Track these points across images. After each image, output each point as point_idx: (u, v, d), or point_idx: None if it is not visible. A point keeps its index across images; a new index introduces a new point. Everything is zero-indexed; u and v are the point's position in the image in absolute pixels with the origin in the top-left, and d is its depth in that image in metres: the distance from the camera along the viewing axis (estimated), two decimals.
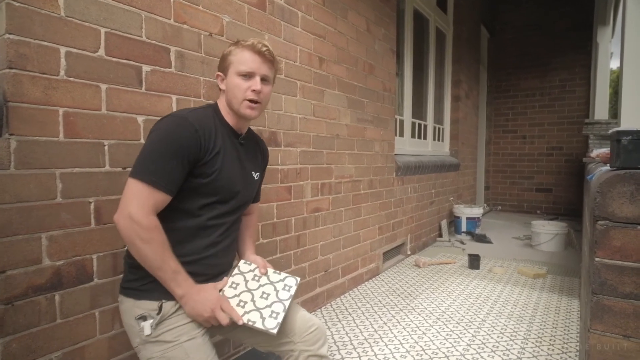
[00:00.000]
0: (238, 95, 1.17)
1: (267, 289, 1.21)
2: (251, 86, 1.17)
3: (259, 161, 1.38)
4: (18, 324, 1.11)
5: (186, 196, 1.12)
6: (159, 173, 1.03)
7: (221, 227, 1.20)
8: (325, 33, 2.42)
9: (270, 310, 1.15)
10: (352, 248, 2.78)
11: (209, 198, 1.16)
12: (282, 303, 1.17)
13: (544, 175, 6.25)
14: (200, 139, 1.09)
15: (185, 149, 1.06)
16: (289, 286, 1.22)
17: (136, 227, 1.00)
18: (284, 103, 2.11)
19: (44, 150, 1.15)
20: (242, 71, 1.17)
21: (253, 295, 1.19)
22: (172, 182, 1.06)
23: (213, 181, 1.14)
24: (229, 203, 1.21)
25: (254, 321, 1.12)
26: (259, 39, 1.20)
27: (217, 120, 1.20)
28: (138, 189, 1.02)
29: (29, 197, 1.12)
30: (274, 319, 1.13)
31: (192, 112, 1.13)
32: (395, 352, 1.91)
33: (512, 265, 3.44)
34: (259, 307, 1.16)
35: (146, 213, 1.02)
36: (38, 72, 1.13)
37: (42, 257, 1.16)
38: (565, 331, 2.13)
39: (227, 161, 1.18)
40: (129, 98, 1.36)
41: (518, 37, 6.34)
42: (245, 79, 1.17)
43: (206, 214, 1.16)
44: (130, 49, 1.36)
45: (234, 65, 1.17)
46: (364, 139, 2.90)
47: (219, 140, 1.16)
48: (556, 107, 6.10)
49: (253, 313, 1.14)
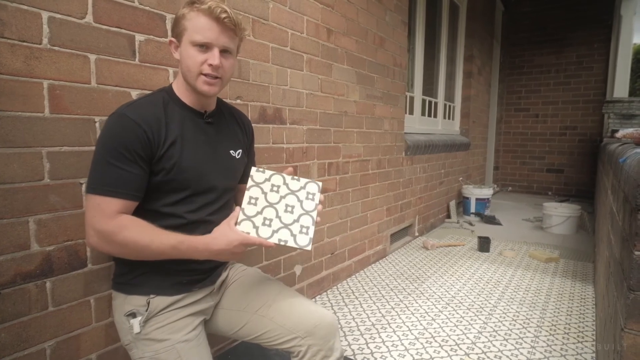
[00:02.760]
0: (192, 69, 1.02)
1: (290, 200, 1.08)
2: (208, 59, 1.01)
3: (238, 137, 1.23)
4: (6, 313, 1.04)
5: (159, 196, 1.03)
6: (114, 181, 0.94)
7: (207, 222, 1.09)
8: (333, 2, 2.26)
9: (300, 225, 1.05)
10: (359, 230, 2.70)
11: (182, 193, 1.05)
12: (310, 215, 1.07)
13: (555, 156, 6.09)
14: (146, 134, 0.97)
15: (132, 148, 0.95)
16: (312, 194, 1.10)
17: (107, 236, 0.93)
18: (289, 77, 1.98)
19: (28, 127, 1.05)
20: (197, 41, 1.00)
21: (277, 210, 1.06)
22: (131, 186, 0.96)
23: (176, 174, 1.02)
24: (207, 194, 1.10)
25: (286, 240, 1.03)
26: (218, 1, 1.01)
27: (170, 104, 1.05)
28: (96, 204, 0.94)
29: (13, 179, 1.03)
30: (305, 235, 1.04)
31: (133, 106, 1.00)
32: (403, 339, 1.85)
33: (523, 248, 3.35)
34: (287, 224, 1.05)
35: (111, 218, 0.93)
36: (17, 39, 1.02)
37: (31, 243, 1.08)
38: (580, 319, 2.05)
39: (189, 148, 1.05)
40: (121, 70, 1.25)
41: (534, 10, 6.04)
42: (201, 50, 1.01)
43: (185, 210, 1.06)
44: (122, 16, 1.24)
45: (188, 32, 1.00)
46: (373, 117, 2.77)
47: (173, 129, 1.03)
48: (572, 85, 5.87)
49: (282, 231, 1.04)
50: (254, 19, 1.75)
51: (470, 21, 4.65)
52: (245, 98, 1.74)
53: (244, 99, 1.74)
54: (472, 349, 1.77)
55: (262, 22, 1.80)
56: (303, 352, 1.08)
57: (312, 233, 1.05)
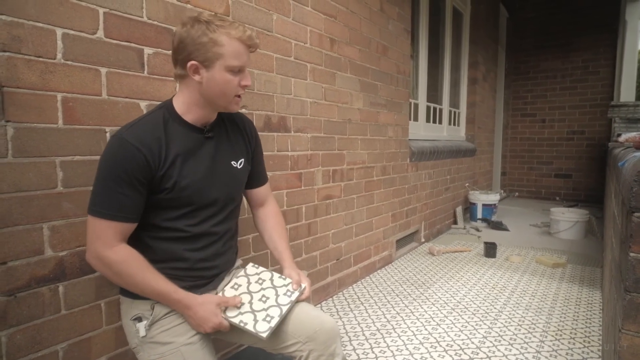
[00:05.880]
0: (229, 92, 1.06)
1: (268, 292, 1.15)
2: (241, 81, 1.07)
3: (241, 145, 1.24)
4: (22, 316, 1.08)
5: (159, 212, 1.07)
6: (112, 204, 0.98)
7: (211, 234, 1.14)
8: (336, 12, 2.31)
9: (265, 314, 1.09)
10: (364, 236, 2.72)
11: (184, 209, 1.08)
12: (280, 307, 1.11)
13: (563, 161, 6.05)
14: (146, 157, 0.99)
15: (131, 172, 0.98)
16: (291, 292, 1.16)
17: (105, 264, 1.00)
18: (293, 87, 2.03)
19: (43, 138, 1.10)
20: (235, 66, 1.04)
21: (252, 297, 1.13)
22: (129, 209, 1.00)
23: (177, 193, 1.05)
24: (209, 208, 1.13)
25: (246, 322, 1.07)
26: (244, 26, 1.06)
27: (170, 122, 1.06)
28: (96, 226, 0.99)
29: (29, 187, 1.08)
30: (267, 323, 1.07)
31: (133, 128, 1.01)
32: (408, 344, 1.86)
33: (530, 253, 3.34)
34: (255, 310, 1.10)
35: (110, 246, 0.99)
36: (33, 55, 1.08)
37: (45, 248, 1.13)
38: (586, 324, 2.05)
39: (189, 166, 1.07)
40: (131, 82, 1.30)
41: (539, 15, 6.06)
42: (234, 73, 1.05)
43: (186, 223, 1.09)
44: (131, 31, 1.30)
45: (225, 58, 1.02)
46: (377, 124, 2.80)
47: (173, 148, 1.05)
48: (578, 89, 5.86)
49: (247, 315, 1.09)
50: (259, 30, 1.81)
51: (474, 28, 4.68)
52: (251, 107, 1.79)
53: (249, 108, 1.79)
54: (476, 353, 1.77)
55: (267, 33, 1.85)
56: (304, 357, 1.10)
57: (275, 324, 1.08)
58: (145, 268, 1.01)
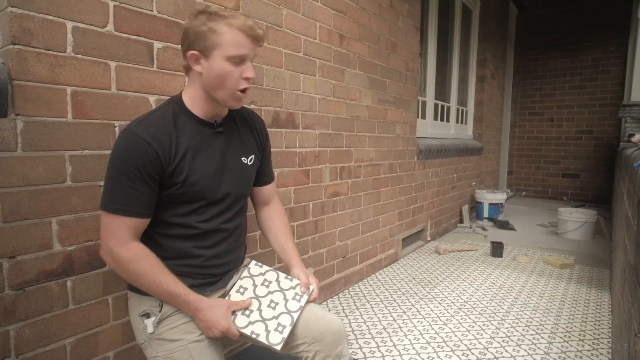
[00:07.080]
0: (229, 85, 1.02)
1: (276, 297, 1.13)
2: (243, 72, 1.02)
3: (252, 141, 1.21)
4: (30, 310, 1.08)
5: (170, 207, 1.05)
6: (124, 200, 0.97)
7: (221, 230, 1.12)
8: (346, 8, 2.29)
9: (277, 323, 1.07)
10: (370, 234, 2.71)
11: (194, 204, 1.07)
12: (291, 315, 1.09)
13: (571, 160, 5.99)
14: (157, 152, 0.97)
15: (142, 167, 0.96)
16: (300, 295, 1.13)
17: (117, 261, 0.99)
18: (302, 83, 2.01)
19: (52, 132, 1.10)
20: (235, 55, 0.99)
21: (260, 303, 1.11)
22: (141, 205, 0.99)
23: (188, 188, 1.04)
24: (219, 204, 1.11)
25: (258, 334, 1.05)
26: (247, 17, 1.03)
27: (180, 116, 1.05)
28: (109, 222, 0.98)
29: (38, 181, 1.08)
30: (279, 334, 1.06)
31: (143, 122, 1.00)
32: (415, 343, 1.85)
33: (537, 253, 3.31)
34: (265, 318, 1.08)
35: (124, 244, 0.98)
36: (44, 48, 1.07)
37: (53, 242, 1.12)
38: (595, 326, 2.02)
39: (199, 161, 1.05)
40: (140, 76, 1.29)
41: (548, 13, 5.98)
42: (235, 64, 1.00)
43: (196, 220, 1.08)
44: (141, 24, 1.29)
45: (223, 47, 0.98)
46: (385, 121, 2.78)
47: (183, 142, 1.03)
48: (588, 89, 5.79)
49: (258, 324, 1.07)
50: (268, 25, 1.79)
51: (483, 25, 4.63)
52: (259, 103, 1.78)
53: (258, 104, 1.77)
54: (484, 354, 1.76)
55: (276, 28, 1.83)
56: (310, 357, 1.09)
57: (287, 334, 1.06)
58: (157, 268, 1.00)
